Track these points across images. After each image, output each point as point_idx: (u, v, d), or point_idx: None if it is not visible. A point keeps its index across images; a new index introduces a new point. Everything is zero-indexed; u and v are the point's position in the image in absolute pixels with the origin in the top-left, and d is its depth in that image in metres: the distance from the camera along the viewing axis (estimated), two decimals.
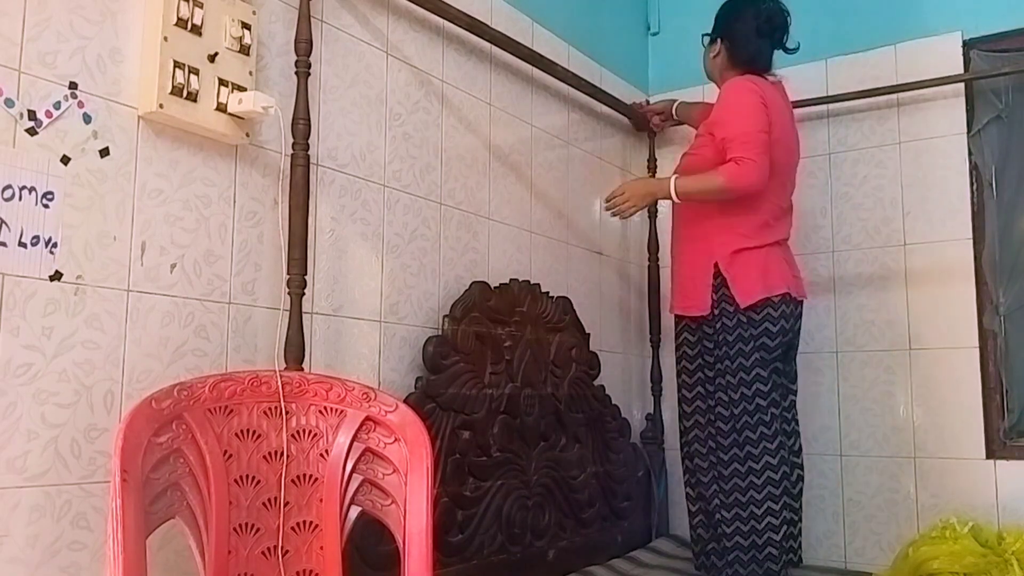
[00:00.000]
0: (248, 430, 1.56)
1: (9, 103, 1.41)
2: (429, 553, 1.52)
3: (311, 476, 1.61)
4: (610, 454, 2.83)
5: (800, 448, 2.48)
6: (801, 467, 2.46)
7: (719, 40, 2.53)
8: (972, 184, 2.81)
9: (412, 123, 2.25)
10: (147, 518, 1.34)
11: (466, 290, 2.33)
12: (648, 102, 3.24)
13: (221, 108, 1.69)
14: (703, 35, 2.58)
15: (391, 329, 2.13)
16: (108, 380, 1.52)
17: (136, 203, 1.59)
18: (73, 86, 1.50)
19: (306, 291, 1.81)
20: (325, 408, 1.65)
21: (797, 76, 2.76)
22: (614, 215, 2.57)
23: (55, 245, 1.46)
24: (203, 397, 1.50)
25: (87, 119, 1.52)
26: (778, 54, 2.52)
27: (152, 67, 1.59)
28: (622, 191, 2.51)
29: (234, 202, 1.77)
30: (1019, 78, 2.77)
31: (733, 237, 2.37)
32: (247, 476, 1.54)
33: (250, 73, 1.76)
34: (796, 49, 2.50)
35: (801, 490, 2.45)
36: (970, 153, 2.81)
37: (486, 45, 2.49)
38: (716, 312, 2.38)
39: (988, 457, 2.70)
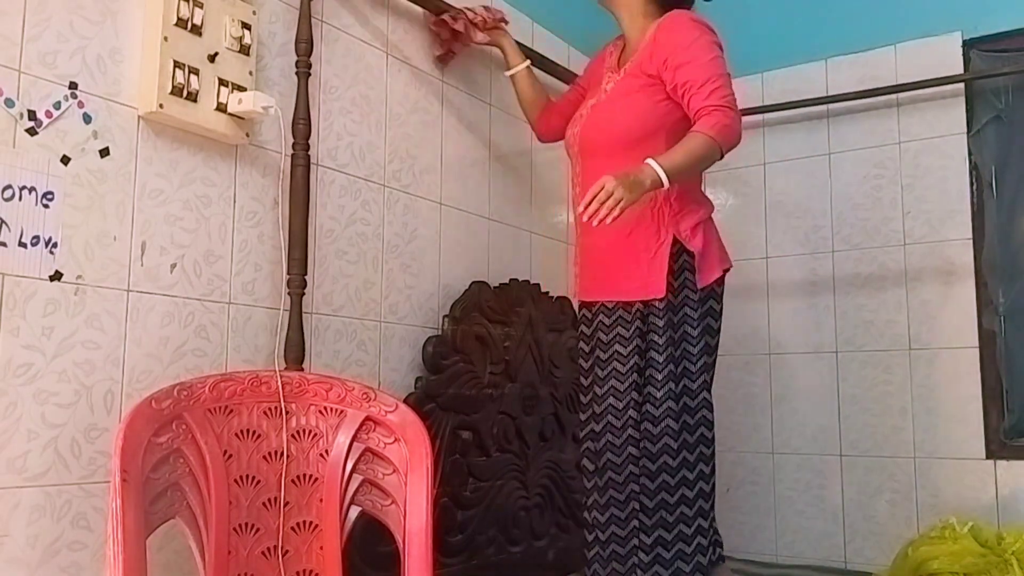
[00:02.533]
0: (248, 430, 1.56)
1: (9, 103, 1.41)
2: (429, 553, 1.52)
3: (311, 476, 1.61)
4: None
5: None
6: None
7: None
8: (972, 184, 2.81)
9: (412, 123, 2.25)
10: (147, 518, 1.34)
11: (466, 290, 2.33)
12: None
13: (221, 108, 1.69)
14: None
15: (391, 329, 2.13)
16: (108, 380, 1.52)
17: (136, 203, 1.59)
18: (73, 86, 1.50)
19: (306, 291, 1.82)
20: (325, 408, 1.65)
21: (797, 76, 2.76)
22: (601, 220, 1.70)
23: (55, 245, 1.46)
24: (203, 397, 1.50)
25: (87, 119, 1.52)
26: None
27: (152, 67, 1.59)
28: (609, 187, 1.68)
29: (234, 202, 1.77)
30: (1019, 78, 2.76)
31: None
32: (247, 476, 1.54)
33: (250, 73, 1.75)
34: None
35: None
36: (970, 153, 2.81)
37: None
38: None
39: (988, 457, 2.70)
